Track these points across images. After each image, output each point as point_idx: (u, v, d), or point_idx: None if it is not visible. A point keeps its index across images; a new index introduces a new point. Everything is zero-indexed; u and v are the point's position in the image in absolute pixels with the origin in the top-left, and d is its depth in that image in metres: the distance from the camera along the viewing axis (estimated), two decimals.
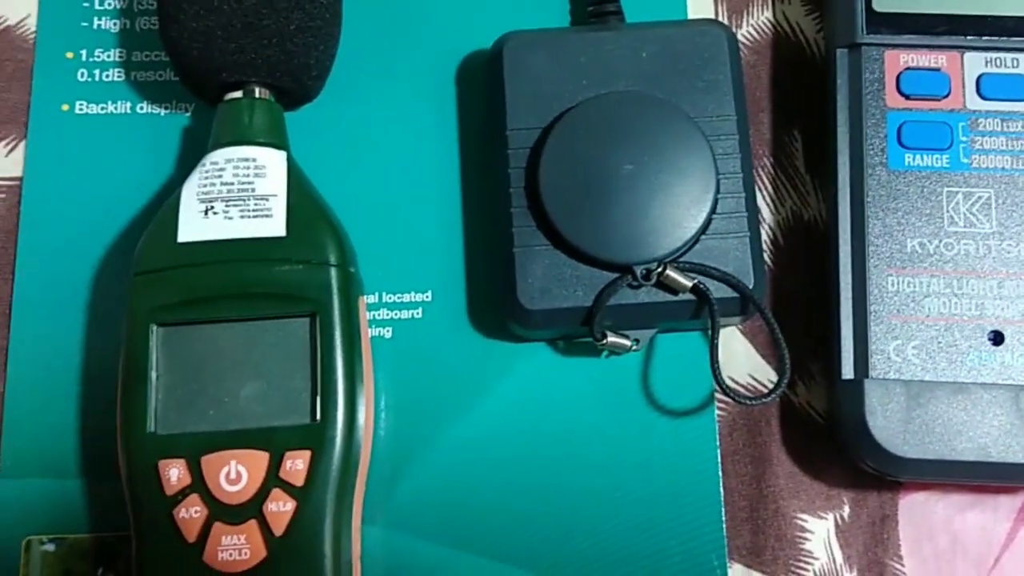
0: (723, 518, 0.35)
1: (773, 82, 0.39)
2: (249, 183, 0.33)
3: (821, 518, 0.36)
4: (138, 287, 0.32)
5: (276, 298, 0.32)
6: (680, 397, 0.36)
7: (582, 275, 0.34)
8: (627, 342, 0.35)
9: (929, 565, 0.35)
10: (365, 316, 0.34)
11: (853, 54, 0.36)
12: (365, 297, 0.35)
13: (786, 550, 0.35)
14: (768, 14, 0.40)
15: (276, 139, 0.34)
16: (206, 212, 0.33)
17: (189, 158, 0.37)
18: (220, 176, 0.33)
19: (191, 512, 0.31)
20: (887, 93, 0.35)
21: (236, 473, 0.31)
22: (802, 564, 0.35)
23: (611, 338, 0.35)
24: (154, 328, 0.32)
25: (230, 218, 0.33)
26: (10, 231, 0.37)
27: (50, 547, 0.35)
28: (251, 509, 0.31)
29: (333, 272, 0.33)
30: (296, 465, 0.31)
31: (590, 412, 0.36)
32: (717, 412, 0.36)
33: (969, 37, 0.35)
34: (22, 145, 0.37)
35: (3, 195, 0.37)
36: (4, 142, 0.37)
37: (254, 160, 0.33)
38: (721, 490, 0.36)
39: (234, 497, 0.31)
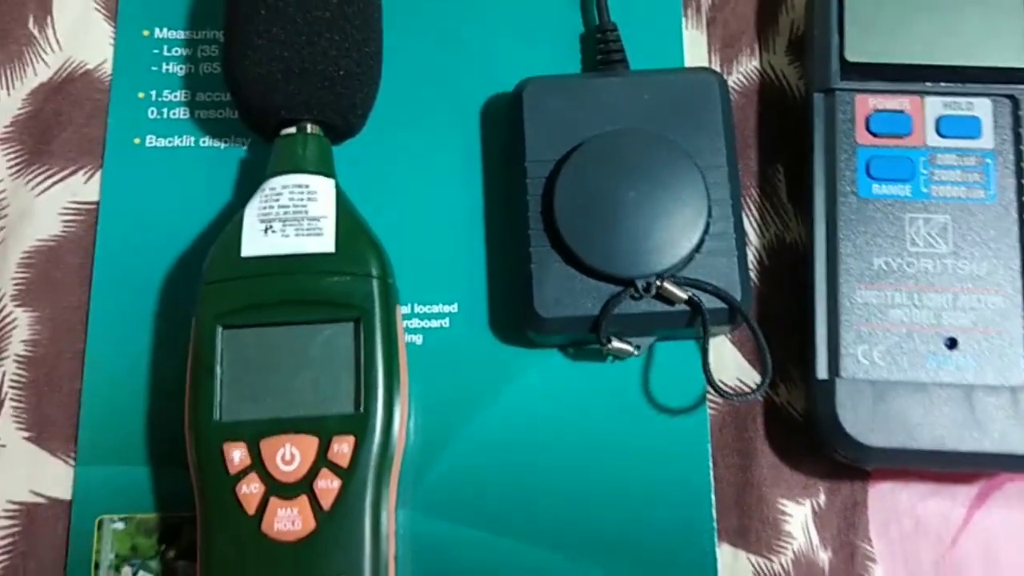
0: (713, 504, 0.40)
1: (759, 122, 0.44)
2: (303, 206, 0.38)
3: (799, 504, 0.40)
4: (206, 295, 0.37)
5: (326, 305, 0.37)
6: (676, 397, 0.41)
7: (590, 288, 0.39)
8: (629, 348, 0.40)
9: (895, 546, 0.40)
10: (401, 322, 0.39)
11: (828, 98, 0.41)
12: (401, 306, 0.39)
13: (768, 531, 0.40)
14: (756, 63, 0.45)
15: (325, 168, 0.39)
16: (265, 231, 0.38)
17: (245, 186, 0.42)
18: (278, 200, 0.38)
19: (251, 488, 0.35)
20: (857, 131, 0.40)
21: (291, 455, 0.35)
22: (782, 543, 0.40)
23: (615, 343, 0.39)
24: (220, 330, 0.36)
25: (286, 236, 0.38)
26: (88, 248, 0.41)
27: (120, 525, 0.39)
28: (303, 486, 0.35)
29: (375, 283, 0.37)
30: (342, 449, 0.35)
31: (596, 410, 0.41)
32: (708, 411, 0.41)
33: (929, 84, 0.40)
34: (98, 174, 0.42)
35: (83, 217, 0.42)
36: (84, 171, 0.42)
37: (307, 186, 0.38)
38: (712, 479, 0.40)
39: (288, 476, 0.35)
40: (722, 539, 0.40)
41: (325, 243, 0.38)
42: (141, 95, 0.43)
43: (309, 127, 0.39)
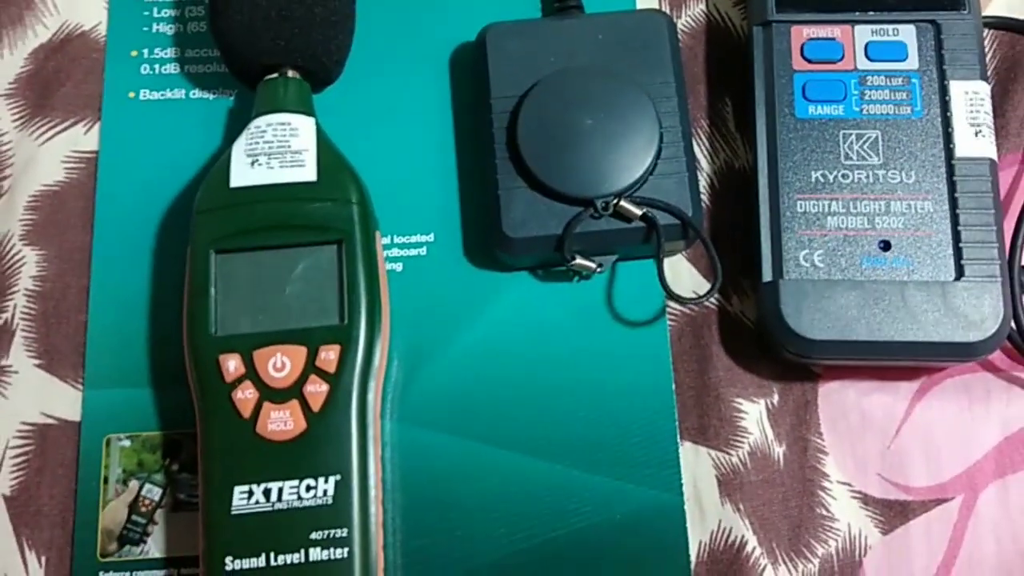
0: (675, 406, 0.43)
1: (708, 60, 0.48)
2: (286, 141, 0.41)
3: (754, 402, 0.43)
4: (199, 223, 0.40)
5: (310, 229, 0.40)
6: (638, 311, 0.44)
7: (554, 209, 0.43)
8: (592, 264, 0.43)
9: (843, 438, 0.43)
10: (380, 246, 0.42)
11: (767, 30, 0.44)
12: (380, 234, 0.42)
13: (726, 428, 0.43)
14: (702, 6, 0.49)
15: (306, 108, 0.42)
16: (252, 164, 0.41)
17: (232, 133, 0.45)
18: (263, 136, 0.41)
19: (246, 394, 0.38)
20: (793, 59, 0.44)
21: (281, 363, 0.39)
22: (739, 438, 0.43)
23: (579, 260, 0.43)
24: (213, 254, 0.40)
25: (271, 168, 0.41)
26: (89, 193, 0.45)
27: (126, 443, 0.42)
28: (293, 391, 0.38)
29: (354, 208, 0.41)
30: (328, 356, 0.39)
31: (565, 326, 0.44)
32: (668, 322, 0.44)
33: (857, 13, 0.44)
34: (97, 126, 0.46)
35: (84, 165, 0.45)
36: (83, 123, 0.46)
37: (289, 124, 0.42)
38: (673, 383, 0.44)
39: (280, 382, 0.38)
40: (684, 437, 0.43)
41: (307, 173, 0.41)
42: (134, 53, 0.47)
43: (290, 72, 0.43)
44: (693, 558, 0.42)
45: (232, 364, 0.39)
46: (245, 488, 0.38)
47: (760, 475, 0.43)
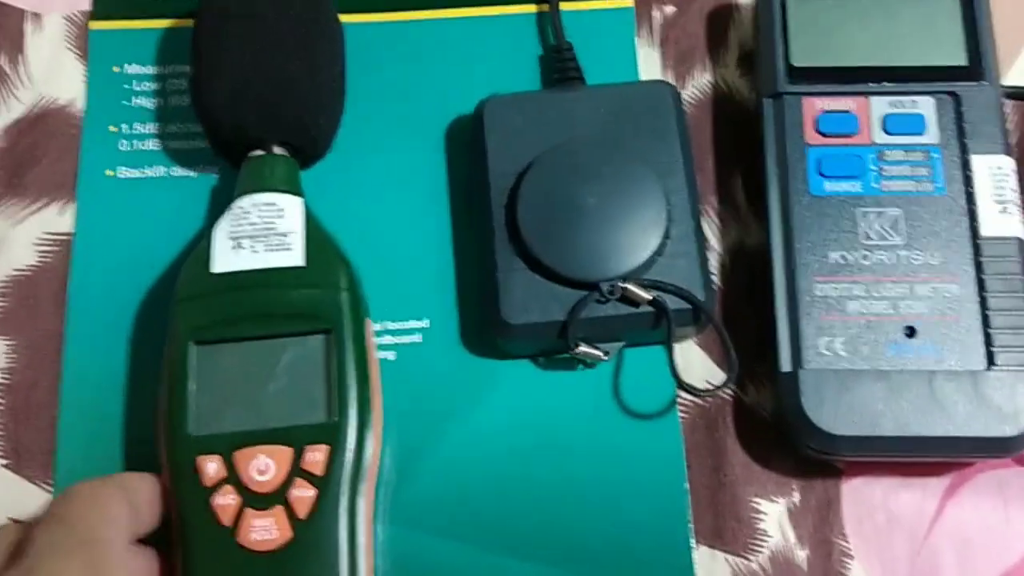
0: (689, 506, 0.40)
1: (715, 133, 0.46)
2: (271, 223, 0.39)
3: (774, 502, 0.40)
4: (178, 312, 0.37)
5: (296, 318, 0.37)
6: (647, 402, 0.42)
7: (557, 293, 0.40)
8: (598, 352, 0.40)
9: (870, 540, 0.40)
10: (372, 334, 0.39)
11: (778, 102, 0.42)
12: (372, 322, 0.40)
13: (744, 530, 0.40)
14: (708, 77, 0.47)
15: (292, 187, 0.40)
16: (235, 247, 0.38)
17: (216, 212, 0.43)
18: (247, 217, 0.39)
19: (227, 499, 0.35)
20: (806, 132, 0.41)
21: (265, 465, 0.35)
22: (758, 541, 0.40)
23: (584, 348, 0.40)
24: (192, 346, 0.37)
25: (256, 252, 0.38)
26: (63, 278, 0.42)
27: None
28: (278, 496, 0.35)
29: (344, 295, 0.38)
30: (316, 457, 0.36)
31: (569, 418, 0.41)
32: (680, 414, 0.42)
33: (872, 84, 0.42)
34: (73, 206, 0.43)
35: (58, 248, 0.43)
36: (58, 203, 0.43)
37: (275, 204, 0.39)
38: (686, 481, 0.41)
39: (263, 486, 0.35)
40: (699, 540, 0.40)
41: (294, 257, 0.38)
42: (113, 128, 0.44)
43: (276, 148, 0.40)
44: None
45: (212, 467, 0.36)
46: None
47: None
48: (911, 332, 0.39)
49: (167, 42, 0.46)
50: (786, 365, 0.39)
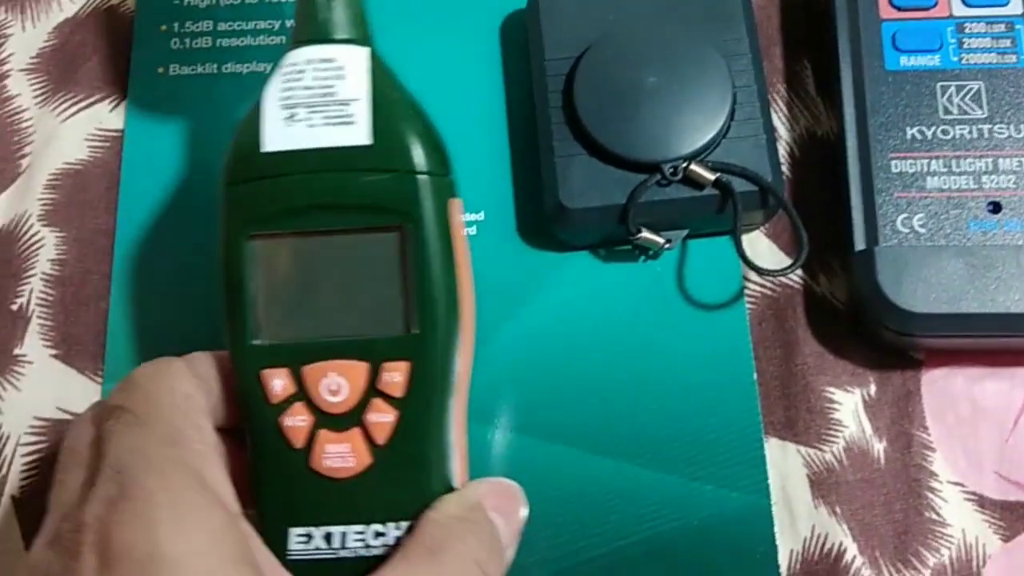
0: (758, 397, 0.38)
1: (782, 20, 0.44)
2: (330, 87, 0.32)
3: (848, 392, 0.38)
4: (228, 199, 0.32)
5: (364, 209, 0.31)
6: (712, 293, 0.40)
7: (616, 176, 0.38)
8: (660, 239, 0.39)
9: (953, 432, 0.38)
10: (460, 219, 0.33)
11: None
12: (461, 202, 0.33)
13: (817, 421, 0.38)
14: None
15: (357, 33, 0.32)
16: (289, 119, 0.31)
17: None
18: (300, 79, 0.32)
19: (296, 420, 0.30)
20: (880, 7, 0.39)
21: (336, 384, 0.31)
22: (833, 432, 0.38)
23: (645, 233, 0.38)
24: (246, 241, 0.31)
25: (313, 125, 0.31)
26: (114, 173, 0.41)
27: None
28: (353, 418, 0.30)
29: (422, 180, 0.31)
30: (394, 377, 0.30)
31: (632, 311, 0.39)
32: (747, 305, 0.40)
33: None
34: (123, 103, 0.43)
35: (108, 144, 0.42)
36: (109, 100, 0.43)
37: (334, 61, 0.32)
38: (754, 373, 0.39)
39: (336, 407, 0.30)
40: (769, 432, 0.38)
41: (358, 134, 0.31)
42: (163, 28, 0.44)
43: None
44: (784, 568, 0.36)
45: (279, 383, 0.31)
46: (303, 531, 0.31)
47: (858, 474, 0.37)
48: (995, 208, 0.37)
49: None
50: (861, 243, 0.37)
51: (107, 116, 0.42)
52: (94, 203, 0.41)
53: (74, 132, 0.42)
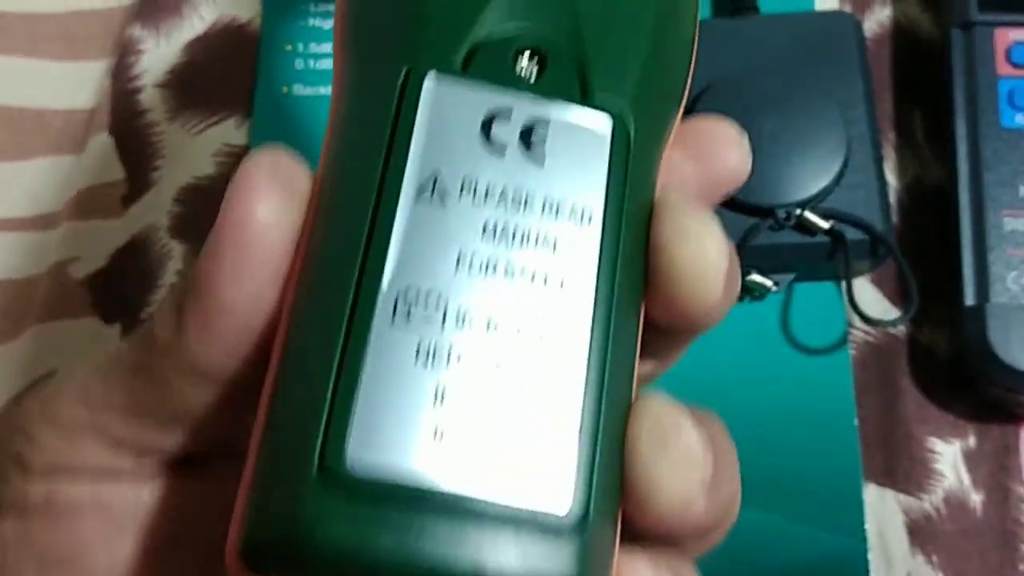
0: (858, 443, 0.39)
1: (894, 67, 0.44)
2: None
3: (949, 443, 0.39)
4: None
5: None
6: (816, 336, 0.40)
7: (729, 219, 0.39)
8: (768, 282, 0.39)
9: None
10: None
11: (967, 32, 0.40)
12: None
13: (917, 469, 0.39)
14: (888, 11, 0.45)
15: None
16: None
17: None
18: None
19: None
20: (998, 64, 0.40)
21: None
22: (932, 482, 0.38)
23: (755, 276, 0.39)
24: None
25: None
26: None
27: None
28: None
29: None
30: None
31: (735, 349, 0.40)
32: (850, 351, 0.40)
33: None
34: (248, 120, 0.44)
35: (234, 160, 0.44)
36: (236, 117, 0.44)
37: None
38: (856, 418, 0.39)
39: None
40: (868, 478, 0.39)
41: None
42: (288, 47, 0.45)
43: None
44: None
45: None
46: None
47: (955, 524, 0.38)
48: None
49: None
50: (971, 299, 0.38)
51: (234, 133, 0.44)
52: None
53: (203, 148, 0.44)
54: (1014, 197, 0.38)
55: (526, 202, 0.19)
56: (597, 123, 0.20)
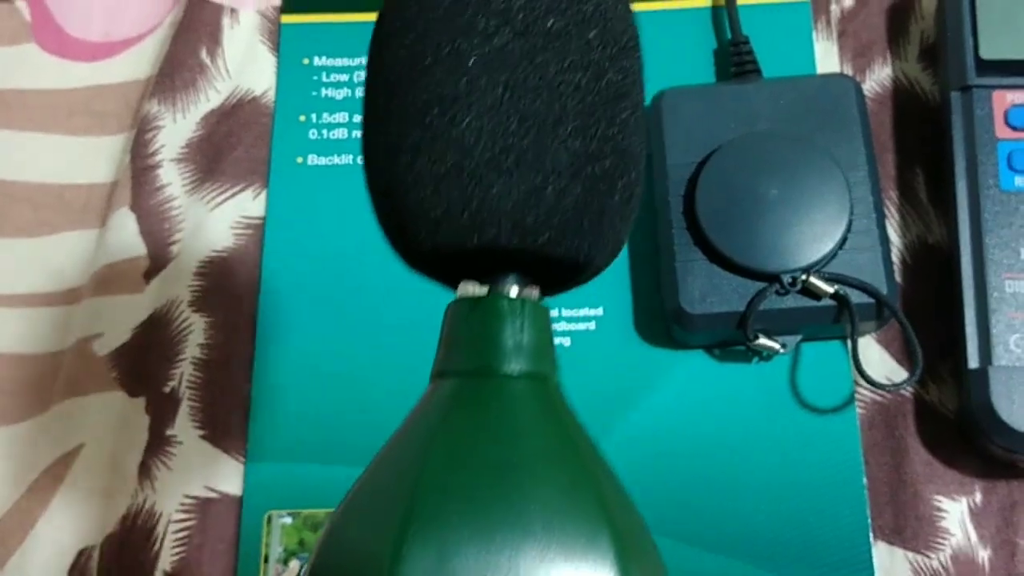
0: (867, 502, 0.40)
1: (895, 127, 0.45)
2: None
3: (955, 501, 0.40)
4: None
5: None
6: (824, 396, 0.41)
7: (736, 284, 0.40)
8: (775, 345, 0.40)
9: None
10: None
11: (966, 96, 0.41)
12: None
13: (925, 528, 0.39)
14: (888, 71, 0.46)
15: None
16: None
17: None
18: None
19: None
20: (996, 126, 0.41)
21: None
22: (940, 540, 0.39)
23: (762, 340, 0.40)
24: None
25: None
26: (256, 260, 0.44)
27: (288, 520, 0.41)
28: None
29: None
30: None
31: (743, 411, 0.41)
32: (857, 410, 0.41)
33: None
34: (265, 191, 0.45)
35: (251, 231, 0.45)
36: (252, 189, 0.45)
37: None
38: (864, 477, 0.40)
39: None
40: (877, 537, 0.40)
41: None
42: (302, 118, 0.46)
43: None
44: None
45: None
46: None
47: None
48: None
49: (354, 35, 0.47)
50: (974, 362, 0.38)
51: (250, 204, 0.45)
52: (238, 289, 0.44)
53: (221, 220, 0.45)
54: (1015, 260, 0.39)
55: None
56: None
